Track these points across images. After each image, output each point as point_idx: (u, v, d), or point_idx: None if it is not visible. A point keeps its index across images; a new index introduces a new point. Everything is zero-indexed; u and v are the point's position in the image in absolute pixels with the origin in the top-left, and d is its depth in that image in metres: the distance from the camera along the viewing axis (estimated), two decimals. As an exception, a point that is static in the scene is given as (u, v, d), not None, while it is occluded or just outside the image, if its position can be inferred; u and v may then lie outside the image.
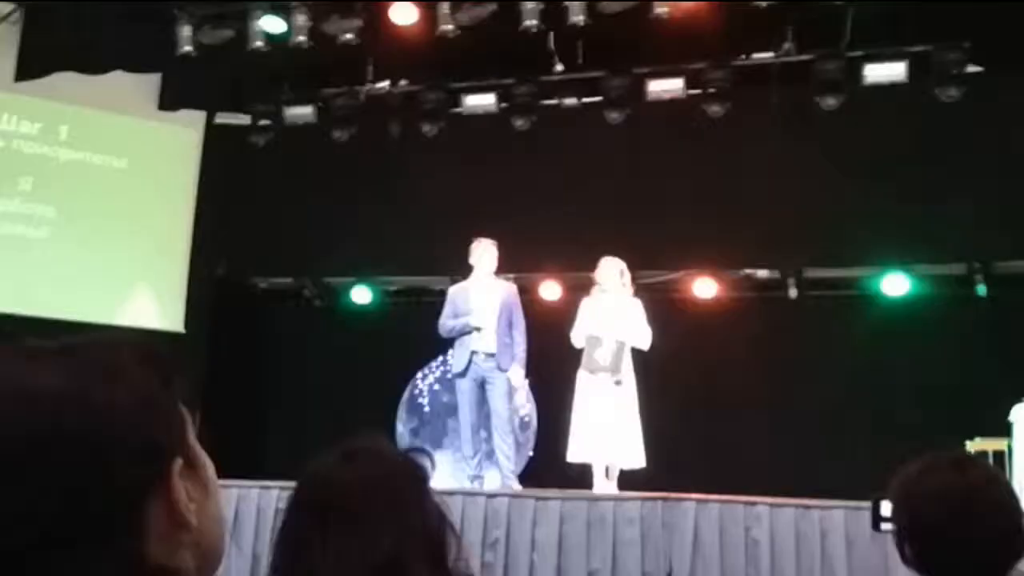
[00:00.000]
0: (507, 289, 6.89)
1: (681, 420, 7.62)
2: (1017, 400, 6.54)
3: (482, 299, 6.74)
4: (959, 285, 8.19)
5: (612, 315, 6.53)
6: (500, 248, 6.92)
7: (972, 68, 7.71)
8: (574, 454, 6.38)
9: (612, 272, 6.62)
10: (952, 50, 7.52)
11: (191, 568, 0.81)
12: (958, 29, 7.48)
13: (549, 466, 6.88)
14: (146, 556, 0.77)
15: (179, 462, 0.81)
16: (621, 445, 6.28)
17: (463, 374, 6.69)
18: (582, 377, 6.47)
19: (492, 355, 6.61)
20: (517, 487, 6.43)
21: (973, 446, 6.73)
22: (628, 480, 6.44)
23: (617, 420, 6.29)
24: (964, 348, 7.69)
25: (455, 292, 6.93)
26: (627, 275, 6.70)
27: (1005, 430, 6.63)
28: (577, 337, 6.57)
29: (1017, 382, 6.68)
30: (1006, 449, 6.67)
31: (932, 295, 8.25)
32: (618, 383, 6.34)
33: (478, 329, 6.64)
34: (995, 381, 6.95)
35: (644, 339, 6.49)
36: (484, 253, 6.81)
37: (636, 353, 6.54)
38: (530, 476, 7.46)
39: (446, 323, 6.82)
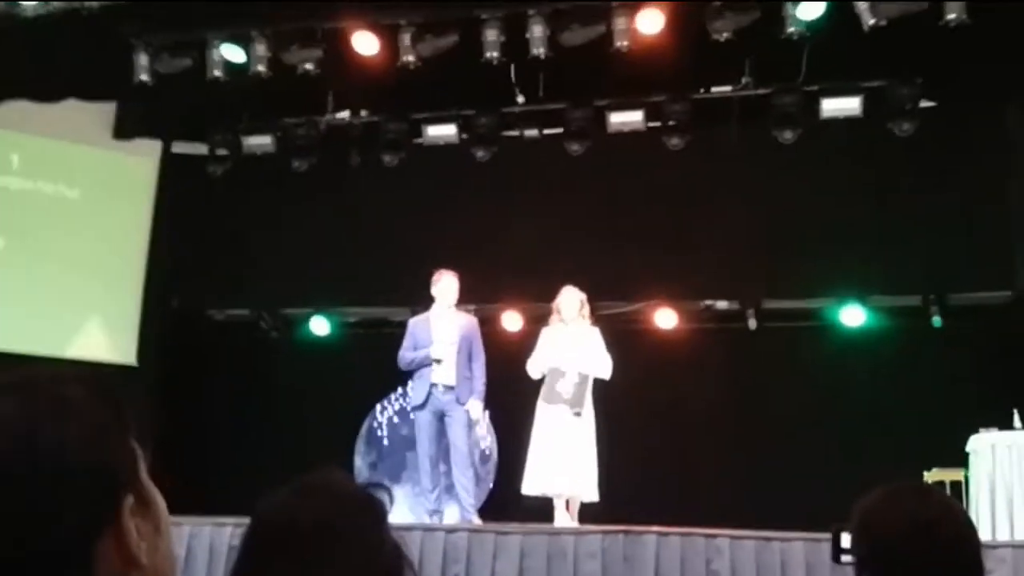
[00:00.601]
0: (468, 321, 6.84)
1: (641, 451, 7.60)
2: (973, 431, 6.62)
3: (442, 331, 6.69)
4: (915, 317, 8.29)
5: (573, 346, 6.50)
6: (461, 279, 6.88)
7: (925, 103, 7.87)
8: (529, 486, 6.31)
9: (573, 302, 6.61)
10: (906, 85, 7.68)
11: None
12: (912, 64, 7.64)
13: (510, 499, 6.79)
14: None
15: (130, 499, 0.80)
16: (577, 478, 6.22)
17: (422, 407, 6.62)
18: (541, 408, 6.42)
19: (451, 388, 6.55)
20: (477, 521, 6.34)
21: (931, 476, 6.79)
22: (588, 513, 6.39)
23: (575, 453, 6.24)
24: (921, 379, 7.77)
25: (415, 324, 6.87)
26: (586, 306, 6.68)
27: (962, 460, 6.70)
28: (534, 367, 6.53)
29: (973, 412, 6.77)
30: (963, 479, 6.74)
31: (889, 327, 8.35)
32: (577, 415, 6.29)
33: (438, 361, 6.58)
34: (952, 412, 7.02)
35: (605, 368, 6.47)
36: (445, 285, 6.76)
37: (596, 383, 6.51)
38: (491, 509, 7.38)
39: (406, 355, 6.75)
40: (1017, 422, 6.55)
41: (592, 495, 6.29)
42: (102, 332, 8.90)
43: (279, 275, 9.25)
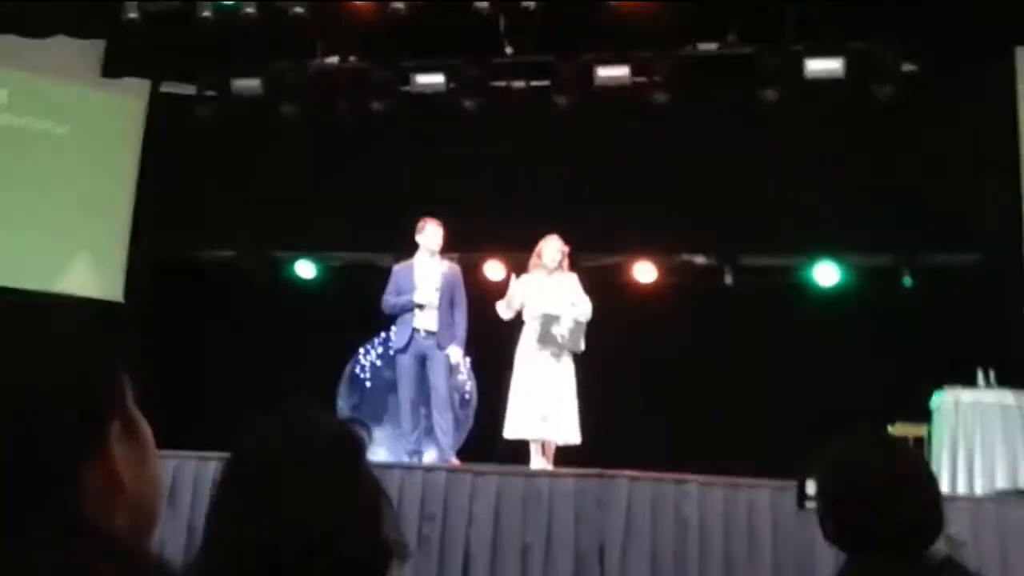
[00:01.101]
0: (451, 269, 6.95)
1: (617, 399, 7.77)
2: (938, 388, 6.84)
3: (426, 277, 6.80)
4: (886, 276, 8.46)
5: (558, 292, 6.61)
6: (445, 227, 6.99)
7: (907, 67, 7.98)
8: (511, 430, 6.49)
9: (556, 251, 6.70)
10: (889, 48, 7.77)
11: (126, 530, 0.82)
12: (896, 28, 7.72)
13: (488, 442, 6.98)
14: (81, 515, 0.78)
15: (117, 426, 0.82)
16: (559, 422, 6.41)
17: (404, 350, 6.75)
18: (525, 353, 6.56)
19: (433, 333, 6.68)
20: (455, 462, 6.53)
21: (894, 431, 6.99)
22: (564, 456, 6.58)
23: (558, 397, 6.41)
24: (890, 337, 7.97)
25: (399, 269, 6.98)
26: (567, 259, 6.79)
27: (926, 416, 6.93)
28: (506, 308, 6.62)
29: (939, 371, 6.97)
30: (925, 435, 6.97)
31: (860, 285, 8.53)
32: (556, 357, 6.44)
33: (420, 307, 6.69)
34: (918, 369, 7.23)
35: (587, 309, 6.60)
36: (430, 232, 6.86)
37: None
38: (470, 451, 7.56)
39: (389, 299, 6.86)
40: (981, 381, 6.73)
41: (575, 438, 6.46)
42: (89, 268, 8.96)
43: (266, 217, 9.30)
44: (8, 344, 0.79)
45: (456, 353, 6.75)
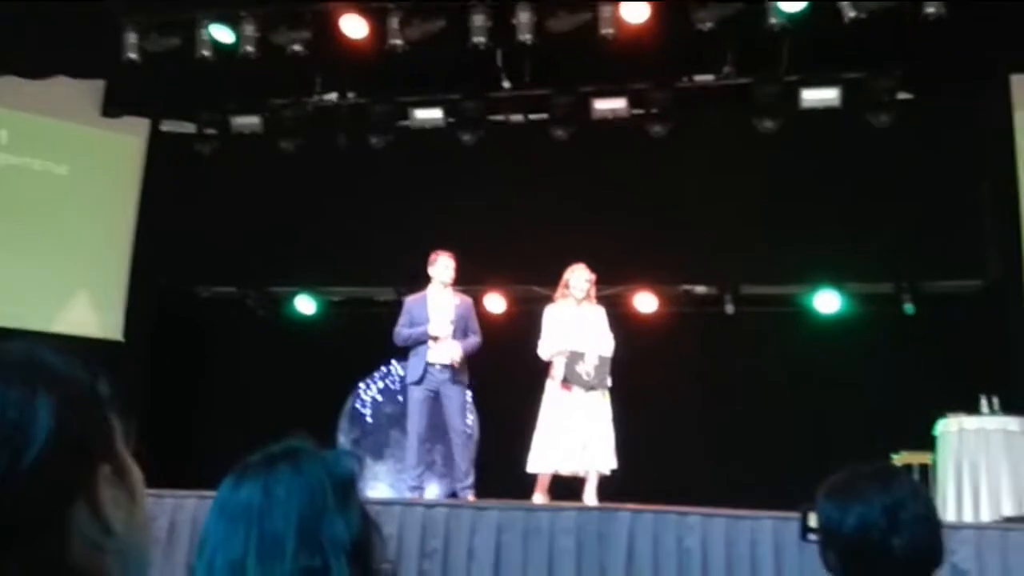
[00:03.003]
0: (463, 301, 6.85)
1: (619, 430, 7.73)
2: (942, 415, 6.80)
3: (439, 309, 6.71)
4: (888, 304, 8.45)
5: (585, 325, 6.50)
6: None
7: (903, 95, 8.02)
8: (538, 464, 6.31)
9: (584, 280, 6.57)
10: (884, 77, 7.82)
11: (115, 575, 0.80)
12: (891, 57, 7.78)
13: (488, 477, 6.92)
14: (68, 560, 0.76)
15: (106, 469, 0.80)
16: (598, 453, 6.30)
17: (418, 383, 6.61)
18: (554, 388, 6.42)
19: (447, 367, 6.60)
20: (471, 499, 6.43)
21: (899, 459, 6.96)
22: (564, 489, 6.52)
23: (595, 429, 6.29)
24: (892, 364, 7.94)
25: (412, 301, 6.86)
26: (594, 287, 6.65)
27: (930, 444, 6.88)
28: (546, 349, 6.48)
29: (942, 397, 6.94)
30: (930, 462, 6.92)
31: (862, 313, 8.51)
32: (604, 393, 6.38)
33: (435, 339, 6.60)
34: (921, 396, 7.19)
35: (610, 347, 6.50)
36: (442, 265, 6.78)
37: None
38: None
39: (402, 332, 6.71)
40: (984, 407, 6.69)
41: (611, 464, 6.34)
42: (89, 308, 8.97)
43: (266, 254, 9.32)
44: None
45: (455, 349, 6.61)
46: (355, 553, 1.15)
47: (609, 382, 6.42)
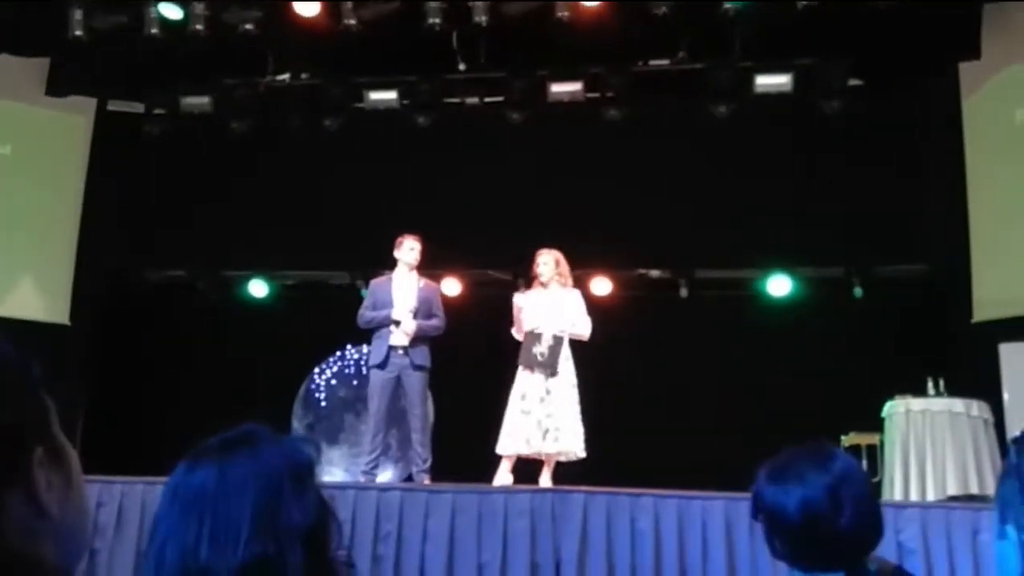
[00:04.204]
0: (427, 285, 6.81)
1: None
2: (890, 397, 6.93)
3: (403, 294, 6.67)
4: (837, 287, 8.58)
5: (550, 308, 6.45)
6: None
7: (854, 82, 8.12)
8: (506, 446, 6.27)
9: (548, 263, 6.53)
10: (835, 64, 7.91)
11: (52, 557, 0.80)
12: (842, 44, 7.86)
13: (443, 461, 6.91)
14: (3, 544, 0.76)
15: (40, 451, 0.80)
16: (562, 436, 6.25)
17: (381, 367, 6.57)
18: (520, 371, 6.37)
19: (408, 350, 6.55)
20: (427, 482, 6.41)
21: (848, 440, 7.09)
22: (523, 472, 6.53)
23: (556, 412, 6.24)
24: (841, 347, 8.06)
25: (377, 284, 6.81)
26: (563, 263, 6.59)
27: (878, 425, 7.01)
28: (518, 332, 6.46)
29: (890, 380, 7.06)
30: (878, 443, 7.05)
31: (812, 296, 8.64)
32: (552, 375, 6.32)
33: (397, 323, 6.56)
34: (869, 379, 7.32)
35: (583, 328, 6.45)
36: (407, 248, 6.73)
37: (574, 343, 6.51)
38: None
39: (365, 314, 6.67)
40: (930, 389, 6.83)
41: (579, 451, 6.28)
42: (34, 291, 8.78)
43: (217, 237, 9.18)
44: None
45: (410, 323, 6.55)
46: (310, 540, 1.14)
47: (570, 364, 6.39)
